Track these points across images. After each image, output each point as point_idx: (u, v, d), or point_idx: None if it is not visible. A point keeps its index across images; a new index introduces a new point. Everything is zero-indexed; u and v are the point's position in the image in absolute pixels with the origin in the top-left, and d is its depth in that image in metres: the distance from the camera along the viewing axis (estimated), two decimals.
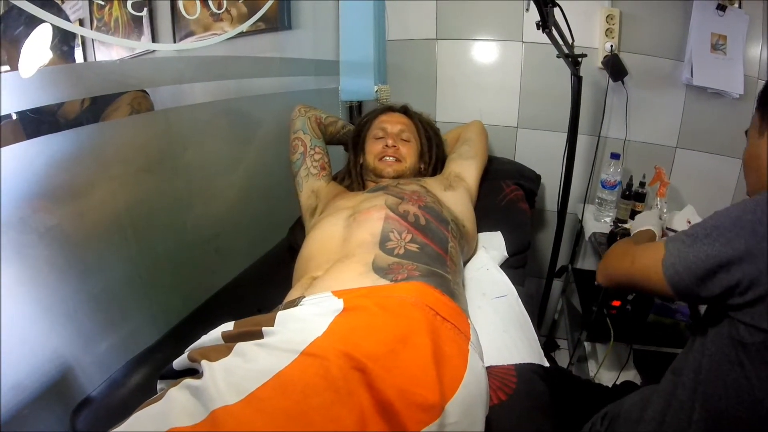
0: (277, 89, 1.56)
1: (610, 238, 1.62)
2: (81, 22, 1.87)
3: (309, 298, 0.80)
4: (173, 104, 1.13)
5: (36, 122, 0.79)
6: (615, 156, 1.74)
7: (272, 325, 0.73)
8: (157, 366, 0.91)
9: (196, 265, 1.19)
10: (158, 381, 0.80)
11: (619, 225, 1.69)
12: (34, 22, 0.78)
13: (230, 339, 0.75)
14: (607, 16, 1.69)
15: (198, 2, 1.52)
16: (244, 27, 1.54)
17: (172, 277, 1.12)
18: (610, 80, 1.74)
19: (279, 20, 1.87)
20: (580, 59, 1.46)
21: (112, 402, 0.89)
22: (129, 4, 1.08)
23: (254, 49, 1.45)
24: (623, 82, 1.73)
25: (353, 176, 1.47)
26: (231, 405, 0.59)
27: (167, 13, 1.65)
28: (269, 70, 1.49)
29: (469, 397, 0.68)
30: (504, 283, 1.16)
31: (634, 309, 1.57)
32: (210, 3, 1.50)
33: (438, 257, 0.98)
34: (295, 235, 1.45)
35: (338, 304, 0.74)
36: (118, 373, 0.95)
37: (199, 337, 0.79)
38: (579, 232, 1.95)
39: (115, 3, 1.36)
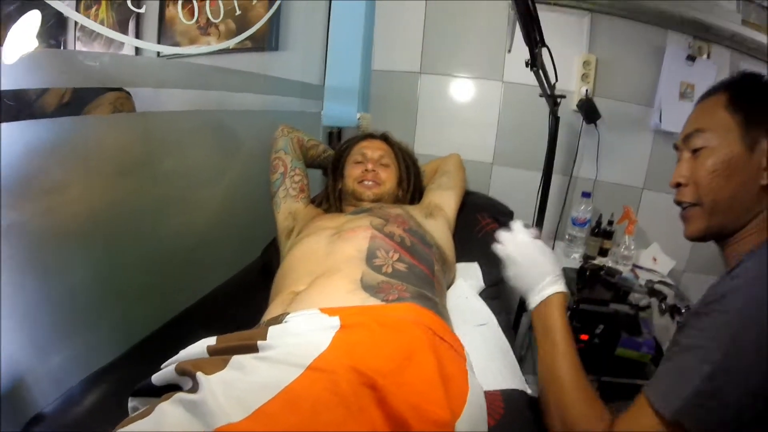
0: (260, 107, 1.52)
1: (580, 273, 1.64)
2: (65, 22, 1.81)
3: (294, 315, 0.76)
4: (154, 109, 1.08)
5: (14, 110, 0.73)
6: (586, 195, 1.78)
7: (265, 339, 0.68)
8: (117, 384, 0.84)
9: (167, 279, 1.11)
10: (131, 398, 0.72)
11: (589, 261, 1.71)
12: (26, 6, 0.73)
13: (218, 353, 0.69)
14: (584, 62, 1.76)
15: (181, 13, 1.49)
16: (231, 43, 1.51)
17: (140, 289, 1.04)
18: (584, 123, 1.80)
19: (267, 40, 1.86)
20: (559, 100, 1.50)
21: (67, 421, 0.79)
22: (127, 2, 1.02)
23: (239, 67, 1.41)
24: (596, 125, 1.79)
25: (331, 201, 1.44)
26: (237, 422, 0.54)
27: (154, 21, 1.62)
28: (254, 86, 1.46)
29: (474, 416, 0.66)
30: (484, 311, 1.14)
31: (602, 342, 1.57)
32: (198, 16, 1.48)
33: (426, 278, 0.97)
34: (270, 256, 1.40)
35: (333, 321, 0.71)
36: (75, 389, 0.86)
37: (165, 356, 0.72)
38: None
39: (103, 5, 1.31)
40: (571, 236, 1.82)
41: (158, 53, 1.18)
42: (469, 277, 1.33)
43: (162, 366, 0.70)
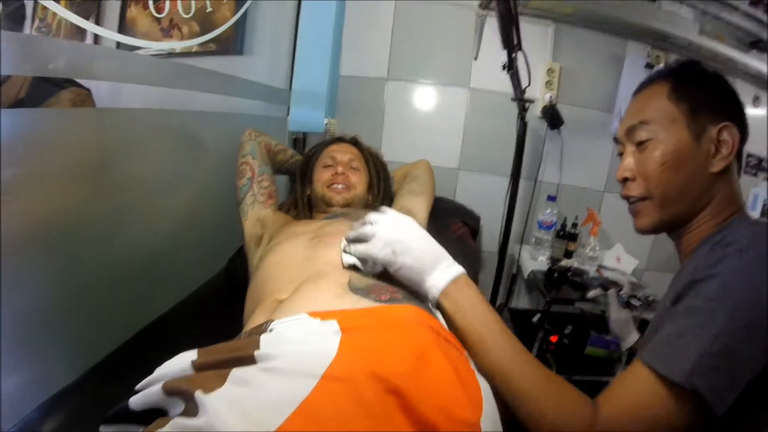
0: (224, 109, 1.46)
1: (548, 274, 1.66)
2: (23, 18, 1.70)
3: (280, 321, 0.70)
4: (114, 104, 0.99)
5: None
6: (552, 198, 1.81)
7: (258, 348, 0.61)
8: (81, 406, 0.76)
9: (130, 292, 1.01)
10: (104, 425, 0.62)
11: (556, 262, 1.73)
12: None
13: (208, 367, 0.61)
14: (548, 70, 1.79)
15: (147, 11, 1.40)
16: (194, 43, 1.45)
17: (101, 303, 0.94)
18: (548, 129, 1.83)
19: (232, 43, 1.80)
20: (527, 105, 1.52)
21: None
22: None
23: (200, 80, 1.34)
24: (559, 131, 1.82)
25: (300, 207, 1.39)
26: None
27: (115, 22, 1.53)
28: (219, 87, 1.38)
29: (491, 413, 0.63)
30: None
31: (572, 342, 1.60)
32: (161, 18, 1.41)
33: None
34: (236, 265, 1.33)
35: (331, 325, 0.65)
36: (33, 416, 0.76)
37: (132, 373, 0.64)
38: (516, 272, 1.97)
39: (62, 3, 1.23)
40: (538, 239, 1.84)
41: (117, 44, 1.10)
42: None
43: (138, 387, 0.62)
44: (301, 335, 0.65)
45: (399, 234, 0.77)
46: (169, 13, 1.30)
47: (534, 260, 1.83)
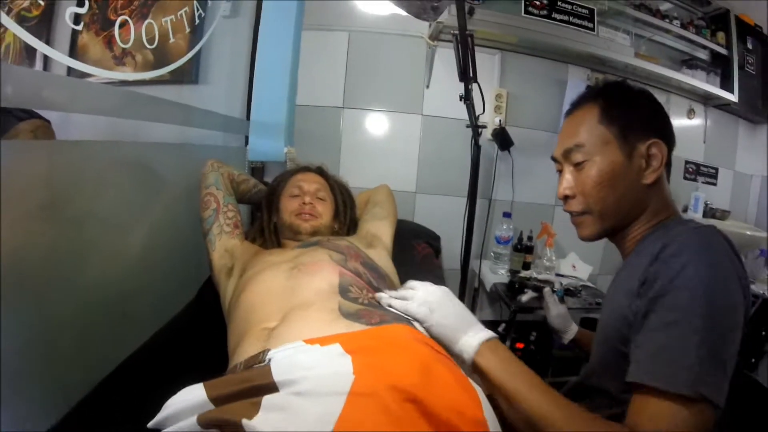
0: (181, 140, 1.39)
1: (510, 286, 1.69)
2: None
3: (278, 350, 0.70)
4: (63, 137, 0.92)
5: None
6: (507, 215, 1.86)
7: (271, 377, 0.62)
8: None
9: (99, 330, 0.94)
10: None
11: (516, 274, 1.77)
12: None
13: (230, 399, 0.62)
14: (497, 95, 1.86)
15: (97, 40, 1.32)
16: (147, 75, 1.39)
17: (73, 344, 0.87)
18: (498, 150, 1.89)
19: (186, 73, 1.73)
20: (481, 130, 1.56)
21: None
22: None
23: (155, 109, 1.28)
24: (509, 152, 1.88)
25: (266, 235, 1.34)
26: None
27: (65, 48, 1.44)
28: (175, 117, 1.32)
29: (490, 413, 0.66)
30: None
31: (538, 347, 1.62)
32: (113, 46, 1.34)
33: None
34: (205, 296, 1.26)
35: (334, 349, 0.67)
36: None
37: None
38: (478, 286, 2.00)
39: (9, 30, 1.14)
40: (496, 254, 1.88)
41: (68, 70, 1.03)
42: None
43: (151, 425, 0.62)
44: (311, 360, 0.66)
45: (435, 297, 0.83)
46: (131, 43, 1.24)
47: (494, 274, 1.86)
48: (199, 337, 1.07)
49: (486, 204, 1.95)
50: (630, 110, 0.80)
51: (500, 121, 1.87)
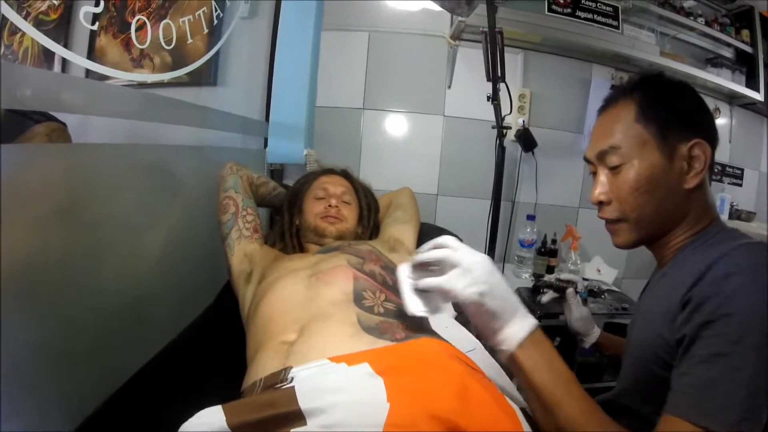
0: (199, 142, 1.35)
1: (534, 290, 1.61)
2: None
3: (301, 369, 0.65)
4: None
5: None
6: (531, 218, 1.79)
7: (297, 403, 0.56)
8: None
9: (116, 336, 0.89)
10: None
11: (540, 279, 1.70)
12: None
13: (249, 428, 0.56)
14: (519, 95, 1.79)
15: (115, 43, 1.29)
16: (166, 77, 1.34)
17: (88, 350, 0.83)
18: (522, 151, 1.83)
19: (204, 75, 1.69)
20: (505, 132, 1.50)
21: None
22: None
23: (174, 111, 1.23)
24: (533, 153, 1.81)
25: (287, 239, 1.29)
26: None
27: (83, 51, 1.41)
28: (193, 119, 1.27)
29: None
30: (468, 338, 1.05)
31: (562, 353, 1.54)
32: (131, 48, 1.30)
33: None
34: (224, 302, 1.21)
35: (363, 369, 0.61)
36: None
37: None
38: None
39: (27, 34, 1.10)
40: (520, 257, 1.81)
41: (87, 72, 0.99)
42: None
43: None
44: (339, 383, 0.59)
45: (483, 272, 0.63)
46: (147, 44, 1.20)
47: (518, 278, 1.80)
48: (218, 344, 1.02)
49: (509, 206, 1.88)
50: (670, 106, 0.72)
51: (523, 121, 1.80)
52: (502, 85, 1.37)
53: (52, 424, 0.76)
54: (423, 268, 0.67)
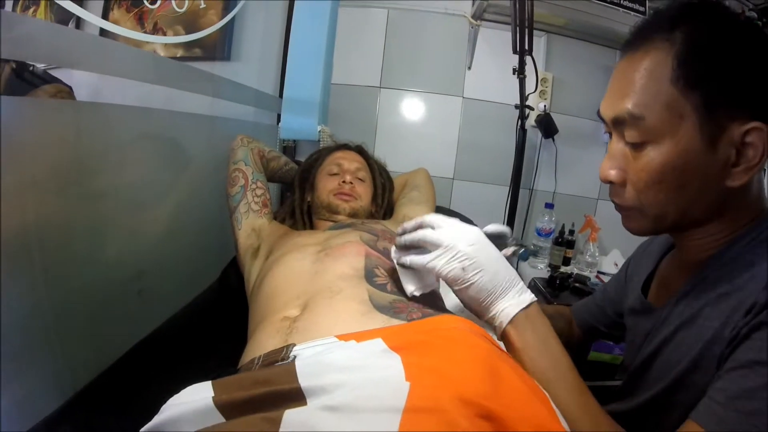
0: (211, 112, 1.27)
1: (550, 281, 1.51)
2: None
3: (304, 347, 0.55)
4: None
5: None
6: (549, 206, 1.69)
7: (297, 381, 0.45)
8: None
9: (115, 309, 0.81)
10: None
11: (556, 270, 1.60)
12: None
13: (239, 408, 0.45)
14: (542, 79, 1.68)
15: (129, 17, 1.23)
16: (180, 40, 1.27)
17: (85, 322, 0.75)
18: (542, 138, 1.72)
19: (218, 49, 1.62)
20: (528, 113, 1.40)
21: None
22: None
23: (186, 77, 1.16)
24: (553, 140, 1.71)
25: (297, 216, 1.21)
26: None
27: (95, 28, 1.35)
28: (206, 88, 1.19)
29: (563, 419, 0.50)
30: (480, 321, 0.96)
31: (573, 350, 1.47)
32: (144, 22, 1.22)
33: (432, 294, 0.77)
34: (230, 278, 1.14)
35: (375, 345, 0.50)
36: None
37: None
38: None
39: (42, 7, 1.06)
40: (536, 246, 1.71)
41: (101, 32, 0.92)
42: (449, 291, 1.15)
43: (145, 430, 0.46)
44: (347, 359, 0.49)
45: (468, 244, 0.58)
46: (159, 10, 1.13)
47: (533, 268, 1.69)
48: (220, 321, 0.95)
49: (527, 194, 1.78)
50: (728, 65, 0.47)
51: (545, 106, 1.69)
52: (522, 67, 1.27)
53: (41, 397, 0.68)
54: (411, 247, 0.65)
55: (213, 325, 0.95)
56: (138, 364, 0.76)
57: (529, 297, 0.58)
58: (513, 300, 0.57)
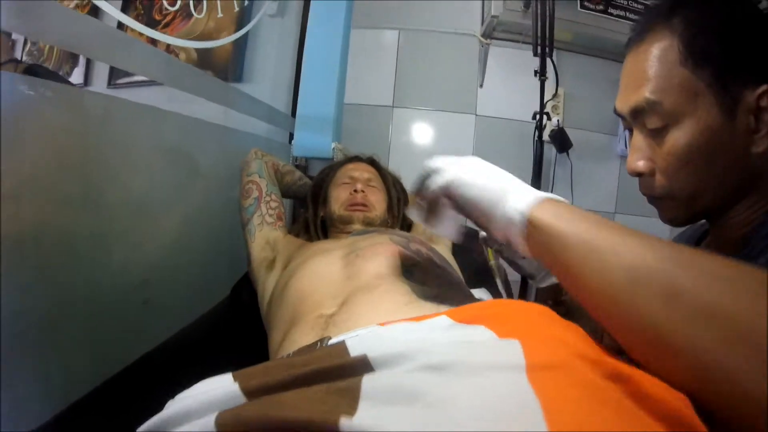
0: (224, 122, 1.21)
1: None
2: (14, 43, 1.47)
3: (346, 336, 0.46)
4: None
5: None
6: None
7: (348, 354, 0.34)
8: None
9: (116, 320, 0.72)
10: None
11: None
12: None
13: (275, 391, 0.33)
14: (553, 95, 1.66)
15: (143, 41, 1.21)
16: (193, 45, 1.23)
17: (83, 331, 0.67)
18: (557, 153, 1.67)
19: (230, 71, 1.60)
20: (545, 123, 1.36)
21: None
22: None
23: (198, 100, 1.09)
24: (568, 154, 1.66)
25: (312, 231, 1.14)
26: None
27: (113, 20, 1.33)
28: (217, 95, 1.14)
29: None
30: None
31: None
32: (158, 42, 1.19)
33: (470, 294, 0.71)
34: (242, 294, 1.05)
35: (439, 321, 0.40)
36: None
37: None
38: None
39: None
40: None
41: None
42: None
43: (144, 429, 0.35)
44: (412, 332, 0.39)
45: (459, 165, 0.51)
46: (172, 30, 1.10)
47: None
48: (230, 339, 0.87)
49: None
50: (728, 37, 0.48)
51: (558, 121, 1.66)
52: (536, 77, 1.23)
53: (32, 406, 0.59)
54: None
55: (223, 342, 0.86)
56: (141, 379, 0.67)
57: (539, 194, 0.43)
58: (523, 194, 0.43)
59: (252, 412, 0.31)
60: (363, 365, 0.33)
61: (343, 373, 0.33)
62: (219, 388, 0.35)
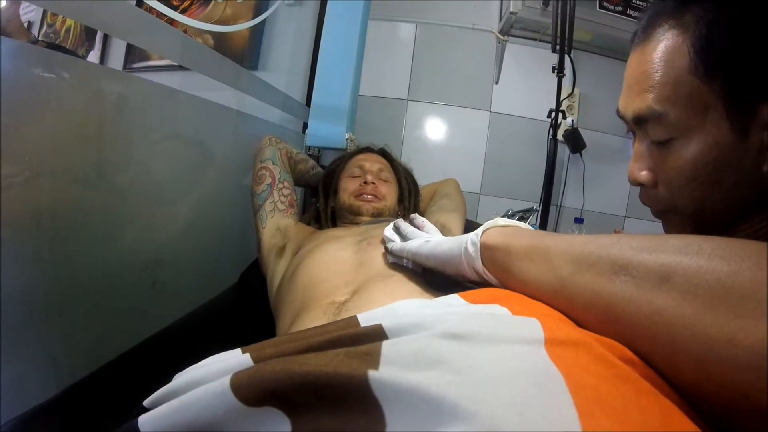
0: (238, 106, 1.18)
1: None
2: (30, 25, 1.46)
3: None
4: None
5: None
6: (579, 221, 1.56)
7: (359, 325, 0.34)
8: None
9: (124, 300, 0.70)
10: None
11: None
12: None
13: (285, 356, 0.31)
14: (570, 94, 1.61)
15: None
16: (212, 28, 1.20)
17: (90, 309, 0.64)
18: (570, 153, 1.63)
19: (246, 58, 1.56)
20: (560, 121, 1.31)
21: None
22: None
23: (213, 86, 1.07)
24: (581, 155, 1.61)
25: (323, 221, 1.11)
26: None
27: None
28: (232, 78, 1.08)
29: None
30: None
31: None
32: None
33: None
34: (249, 281, 1.02)
35: (453, 300, 0.39)
36: None
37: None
38: None
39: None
40: None
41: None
42: None
43: (149, 402, 0.34)
44: (426, 307, 0.38)
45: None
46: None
47: None
48: (237, 326, 0.85)
49: (554, 211, 1.66)
50: (747, 42, 0.40)
51: (572, 121, 1.61)
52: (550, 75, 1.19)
53: (33, 386, 0.57)
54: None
55: (229, 327, 0.84)
56: (145, 360, 0.64)
57: (485, 227, 0.47)
58: (477, 231, 0.47)
59: (271, 367, 0.28)
60: (378, 334, 0.31)
61: (360, 340, 0.31)
62: (232, 359, 0.33)
